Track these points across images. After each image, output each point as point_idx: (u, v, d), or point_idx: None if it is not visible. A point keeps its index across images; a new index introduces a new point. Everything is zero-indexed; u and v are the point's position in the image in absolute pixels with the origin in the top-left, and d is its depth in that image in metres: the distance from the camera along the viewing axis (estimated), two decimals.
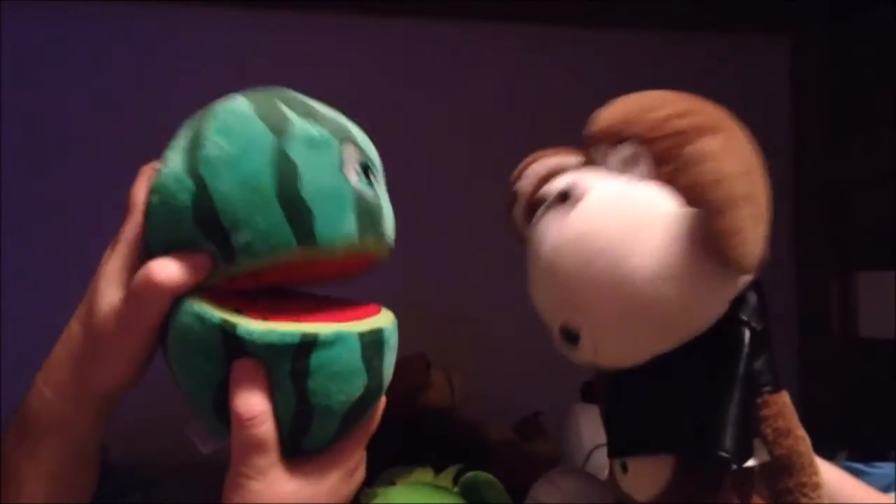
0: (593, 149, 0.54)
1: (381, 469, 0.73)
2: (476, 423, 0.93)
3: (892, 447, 0.86)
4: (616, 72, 1.13)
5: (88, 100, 1.04)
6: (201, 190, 0.41)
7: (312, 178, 0.42)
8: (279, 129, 0.42)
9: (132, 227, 0.45)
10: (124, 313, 0.43)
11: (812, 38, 1.23)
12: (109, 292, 0.44)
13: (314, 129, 0.43)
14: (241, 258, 0.42)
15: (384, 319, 0.46)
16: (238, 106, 0.44)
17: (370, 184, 0.45)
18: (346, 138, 0.44)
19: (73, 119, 1.04)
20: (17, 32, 1.02)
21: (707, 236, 0.45)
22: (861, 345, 1.13)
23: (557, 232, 0.49)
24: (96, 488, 0.48)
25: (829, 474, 0.57)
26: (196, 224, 0.42)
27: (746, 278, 0.51)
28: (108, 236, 0.48)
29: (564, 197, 0.49)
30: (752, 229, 0.45)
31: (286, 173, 0.41)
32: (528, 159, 0.58)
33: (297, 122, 0.43)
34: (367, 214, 0.44)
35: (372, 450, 0.49)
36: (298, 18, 1.10)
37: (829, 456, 0.57)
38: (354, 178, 0.44)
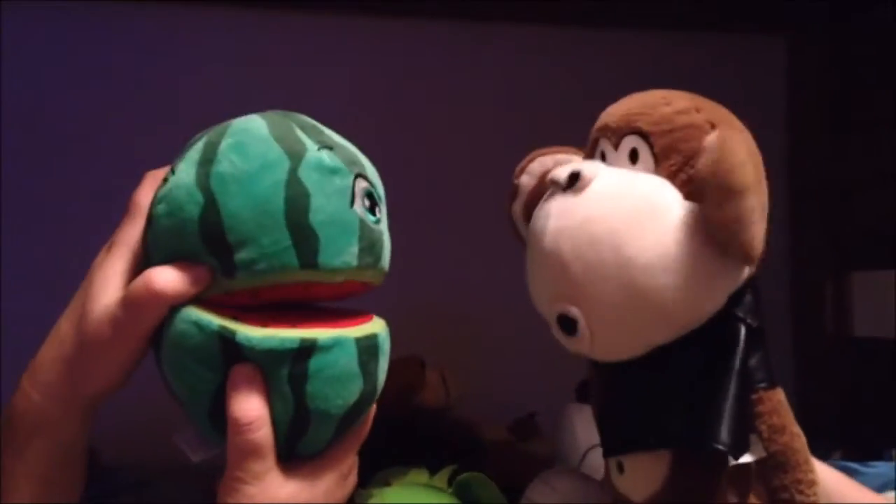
0: (598, 144, 0.54)
1: (376, 470, 0.73)
2: (471, 424, 0.93)
3: (886, 446, 0.86)
4: (614, 71, 1.13)
5: (88, 100, 1.05)
6: (210, 205, 0.42)
7: (322, 206, 0.43)
8: (294, 153, 0.43)
9: (132, 231, 0.45)
10: (119, 318, 0.43)
11: (811, 37, 1.23)
12: (104, 296, 0.43)
13: (328, 158, 0.44)
14: (241, 275, 0.42)
15: (377, 326, 0.47)
16: (255, 126, 0.44)
17: (374, 215, 0.46)
18: (358, 170, 0.45)
19: (73, 119, 1.04)
20: (17, 32, 1.02)
21: (715, 224, 0.46)
22: (856, 344, 1.13)
23: (560, 216, 0.50)
24: (85, 489, 0.48)
25: (825, 474, 0.57)
26: (201, 237, 0.42)
27: (744, 274, 0.51)
28: (108, 236, 0.48)
29: (569, 183, 0.50)
30: (760, 220, 0.46)
31: (297, 198, 0.42)
32: (531, 155, 0.59)
33: (312, 149, 0.44)
34: (369, 245, 0.45)
35: (366, 451, 0.49)
36: (298, 19, 1.10)
37: (825, 455, 0.58)
38: (361, 209, 0.45)
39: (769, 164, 0.50)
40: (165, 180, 0.44)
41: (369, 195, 0.45)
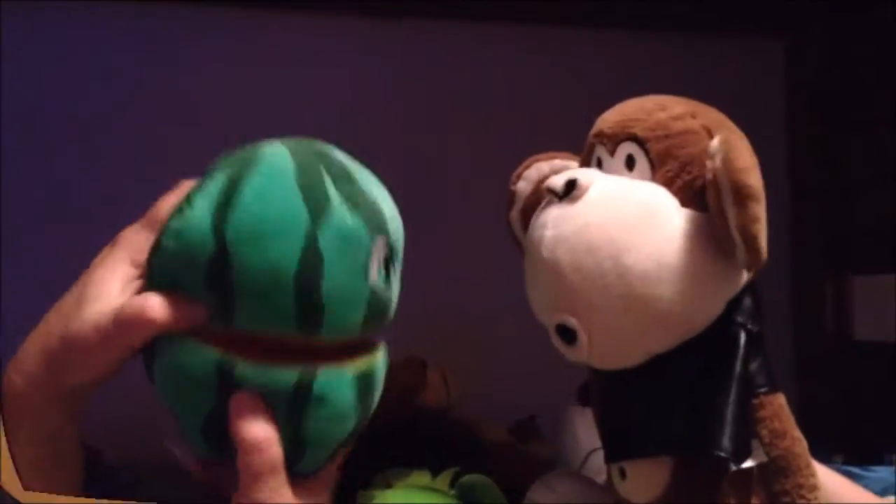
0: (594, 151, 0.54)
1: (377, 471, 0.73)
2: (471, 425, 0.93)
3: (887, 450, 0.86)
4: (614, 72, 1.13)
5: (88, 100, 1.04)
6: (222, 254, 0.41)
7: (334, 275, 0.41)
8: (317, 210, 0.41)
9: (140, 237, 0.45)
10: (107, 331, 0.42)
11: (811, 38, 1.23)
12: (98, 302, 0.43)
13: (350, 220, 0.42)
14: (239, 323, 0.42)
15: (376, 356, 0.46)
16: (282, 167, 0.42)
17: (387, 277, 0.44)
18: (379, 230, 0.43)
19: (73, 119, 1.04)
20: (17, 32, 1.02)
21: (734, 226, 0.46)
22: (857, 348, 1.13)
23: (557, 225, 0.50)
24: (86, 488, 0.48)
25: (826, 477, 0.57)
26: (206, 282, 0.41)
27: (743, 279, 0.51)
28: (108, 236, 0.48)
29: (566, 191, 0.50)
30: (765, 223, 0.46)
31: (311, 265, 0.41)
32: (528, 161, 0.59)
33: (336, 207, 0.41)
34: (376, 310, 0.44)
35: (368, 452, 0.49)
36: (298, 20, 1.10)
37: (825, 459, 0.58)
38: (374, 275, 0.43)
39: (769, 165, 0.50)
40: (181, 210, 0.42)
41: (386, 257, 0.44)
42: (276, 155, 0.42)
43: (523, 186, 0.58)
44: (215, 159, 0.46)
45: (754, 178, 0.45)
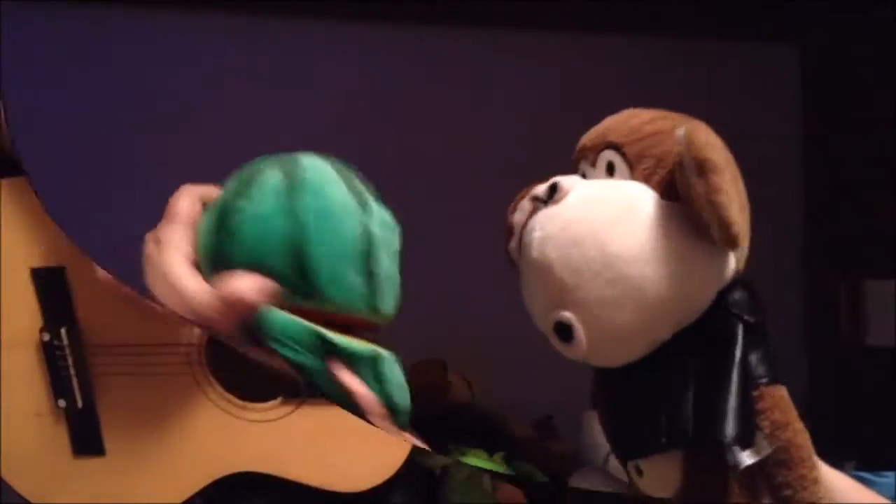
0: (579, 167, 0.56)
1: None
2: (499, 419, 0.96)
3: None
4: (626, 77, 1.13)
5: (89, 100, 1.05)
6: (298, 234, 0.45)
7: (383, 258, 0.47)
8: (363, 205, 0.46)
9: (175, 234, 0.47)
10: (211, 318, 0.45)
11: (813, 39, 1.23)
12: (194, 282, 0.46)
13: (388, 216, 0.48)
14: (316, 302, 0.45)
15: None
16: (322, 166, 0.47)
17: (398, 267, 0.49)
18: (397, 226, 0.49)
19: (73, 119, 1.04)
20: (17, 32, 1.02)
21: (697, 199, 0.47)
22: (869, 353, 1.13)
23: (544, 226, 0.52)
24: None
25: (839, 482, 0.56)
26: (290, 262, 0.45)
27: (730, 266, 0.52)
28: (107, 236, 0.48)
29: (549, 195, 0.52)
30: (737, 204, 0.48)
31: (371, 248, 0.46)
32: (522, 193, 0.60)
33: (374, 204, 0.47)
34: (399, 296, 0.49)
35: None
36: (299, 24, 1.10)
37: (837, 465, 0.57)
38: (397, 262, 0.48)
39: (783, 170, 0.51)
40: (245, 196, 0.45)
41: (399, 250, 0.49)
42: (314, 159, 0.48)
43: (519, 217, 0.59)
44: (216, 159, 0.48)
45: (715, 155, 0.48)
